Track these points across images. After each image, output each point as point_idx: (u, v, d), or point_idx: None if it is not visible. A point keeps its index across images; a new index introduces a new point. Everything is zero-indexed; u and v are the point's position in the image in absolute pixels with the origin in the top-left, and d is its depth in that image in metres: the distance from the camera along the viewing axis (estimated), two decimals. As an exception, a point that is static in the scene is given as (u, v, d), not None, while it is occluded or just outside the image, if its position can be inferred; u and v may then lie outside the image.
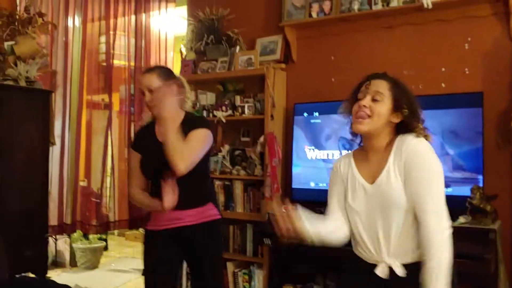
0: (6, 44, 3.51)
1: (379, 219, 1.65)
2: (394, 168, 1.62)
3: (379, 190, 1.64)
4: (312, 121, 3.26)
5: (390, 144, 1.67)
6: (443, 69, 2.98)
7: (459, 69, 2.93)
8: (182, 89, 2.35)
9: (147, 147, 2.32)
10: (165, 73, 2.34)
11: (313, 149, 3.24)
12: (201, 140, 2.22)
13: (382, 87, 1.66)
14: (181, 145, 2.10)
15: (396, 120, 1.66)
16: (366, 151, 1.74)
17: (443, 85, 2.96)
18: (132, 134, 4.28)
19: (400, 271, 1.62)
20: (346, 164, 1.79)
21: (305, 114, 3.29)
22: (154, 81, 2.25)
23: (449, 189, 2.70)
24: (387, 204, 1.62)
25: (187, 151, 2.11)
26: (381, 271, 1.65)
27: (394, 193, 1.60)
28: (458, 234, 2.45)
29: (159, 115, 2.16)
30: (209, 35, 3.73)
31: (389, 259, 1.64)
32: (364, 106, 1.64)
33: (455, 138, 2.71)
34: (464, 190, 2.59)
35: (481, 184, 2.59)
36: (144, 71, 2.44)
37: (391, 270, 1.63)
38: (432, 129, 2.71)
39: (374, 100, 1.64)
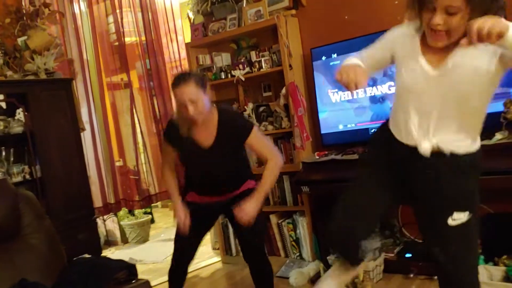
0: (20, 40, 3.55)
1: (437, 106, 1.53)
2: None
3: (448, 76, 1.49)
4: (331, 63, 3.21)
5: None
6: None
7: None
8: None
9: (189, 151, 2.44)
10: (199, 76, 2.27)
11: (336, 92, 3.20)
12: (260, 139, 2.42)
13: None
14: (270, 178, 2.44)
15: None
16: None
17: None
18: (156, 108, 4.32)
19: (447, 150, 1.54)
20: (407, 36, 1.59)
21: (324, 58, 3.24)
22: (193, 91, 2.20)
23: (481, 108, 2.65)
24: (454, 93, 1.49)
25: (268, 152, 2.43)
26: (424, 148, 1.57)
27: (471, 73, 1.44)
28: (496, 151, 2.46)
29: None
30: (214, -5, 3.67)
31: (429, 141, 1.57)
32: (438, 25, 1.42)
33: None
34: (497, 106, 2.54)
35: (513, 97, 2.52)
36: (177, 81, 2.22)
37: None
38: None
39: (447, 13, 1.40)
